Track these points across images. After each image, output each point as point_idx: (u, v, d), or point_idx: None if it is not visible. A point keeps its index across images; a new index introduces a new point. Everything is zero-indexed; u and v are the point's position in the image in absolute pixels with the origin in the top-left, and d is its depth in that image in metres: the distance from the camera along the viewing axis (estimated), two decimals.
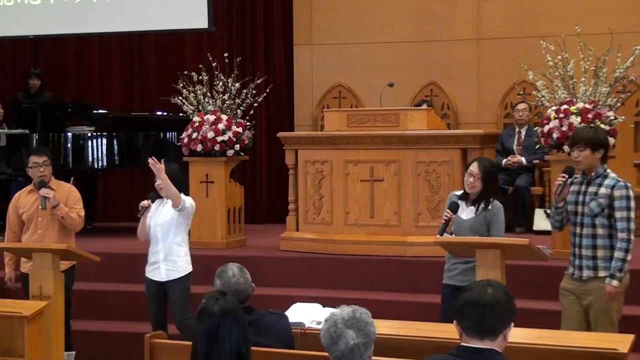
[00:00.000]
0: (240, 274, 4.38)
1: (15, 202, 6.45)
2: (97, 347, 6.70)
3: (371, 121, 7.56)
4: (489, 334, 3.09)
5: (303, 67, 10.40)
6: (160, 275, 6.17)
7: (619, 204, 5.10)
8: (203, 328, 3.58)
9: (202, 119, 8.13)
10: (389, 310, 6.36)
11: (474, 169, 5.46)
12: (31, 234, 6.35)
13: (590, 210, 5.14)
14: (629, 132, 8.89)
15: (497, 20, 9.69)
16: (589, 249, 5.16)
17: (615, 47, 7.03)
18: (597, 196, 5.13)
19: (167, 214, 6.17)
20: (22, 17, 10.53)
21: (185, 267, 6.20)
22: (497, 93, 9.68)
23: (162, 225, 6.17)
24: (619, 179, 5.19)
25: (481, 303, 3.08)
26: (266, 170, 10.35)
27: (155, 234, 6.20)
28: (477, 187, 5.46)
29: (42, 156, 6.35)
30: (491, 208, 5.48)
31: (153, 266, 6.23)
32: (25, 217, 6.37)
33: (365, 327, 3.27)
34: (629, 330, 4.37)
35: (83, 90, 10.88)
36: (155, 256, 6.20)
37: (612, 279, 5.09)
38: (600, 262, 5.13)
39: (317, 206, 7.69)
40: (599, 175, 5.19)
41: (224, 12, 10.47)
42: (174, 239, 6.17)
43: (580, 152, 5.16)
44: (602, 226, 5.13)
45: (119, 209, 10.44)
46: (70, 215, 6.28)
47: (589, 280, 5.16)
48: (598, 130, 5.76)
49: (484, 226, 5.46)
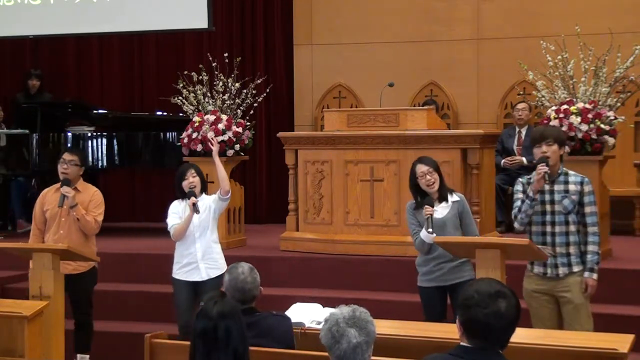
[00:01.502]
0: (249, 274, 4.38)
1: (41, 199, 6.40)
2: (97, 347, 6.69)
3: (371, 121, 7.56)
4: (501, 348, 3.07)
5: (303, 67, 10.40)
6: (200, 275, 6.08)
7: (588, 199, 5.18)
8: (200, 329, 3.59)
9: (202, 119, 8.13)
10: (389, 310, 6.35)
11: (424, 168, 5.54)
12: (53, 233, 6.28)
13: (564, 208, 5.16)
14: (629, 132, 8.89)
15: (497, 20, 9.69)
16: (562, 247, 5.18)
17: (615, 47, 7.03)
18: (569, 193, 5.17)
19: (202, 213, 6.11)
20: (22, 17, 10.54)
21: (223, 264, 6.12)
22: (497, 93, 9.68)
23: (200, 226, 6.10)
24: (582, 175, 5.27)
25: (498, 326, 3.01)
26: (266, 170, 10.36)
27: (191, 235, 6.11)
28: (437, 181, 5.54)
29: (73, 155, 6.33)
30: (459, 199, 5.64)
31: (189, 267, 6.11)
32: (48, 215, 6.31)
33: (367, 326, 3.27)
34: (629, 330, 4.36)
35: (83, 90, 10.89)
36: (192, 257, 6.10)
37: (592, 273, 5.15)
38: (574, 258, 5.18)
39: (317, 206, 7.69)
40: (560, 173, 5.24)
41: (224, 12, 10.48)
42: (211, 237, 6.15)
43: (549, 146, 5.18)
44: (574, 222, 5.18)
45: (119, 209, 10.43)
46: (86, 218, 6.21)
47: (565, 277, 5.18)
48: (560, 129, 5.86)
49: (457, 218, 5.58)
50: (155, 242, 8.39)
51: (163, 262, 7.24)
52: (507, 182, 8.76)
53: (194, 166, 6.28)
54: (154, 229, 9.09)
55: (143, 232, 9.54)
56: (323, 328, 3.29)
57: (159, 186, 10.61)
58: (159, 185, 10.62)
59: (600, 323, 5.35)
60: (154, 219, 9.87)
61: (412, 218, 5.64)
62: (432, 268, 5.59)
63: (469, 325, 3.05)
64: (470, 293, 3.07)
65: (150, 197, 10.72)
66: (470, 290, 3.09)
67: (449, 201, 5.59)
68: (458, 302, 3.15)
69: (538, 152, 5.22)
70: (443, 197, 5.59)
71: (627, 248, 7.71)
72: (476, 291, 3.06)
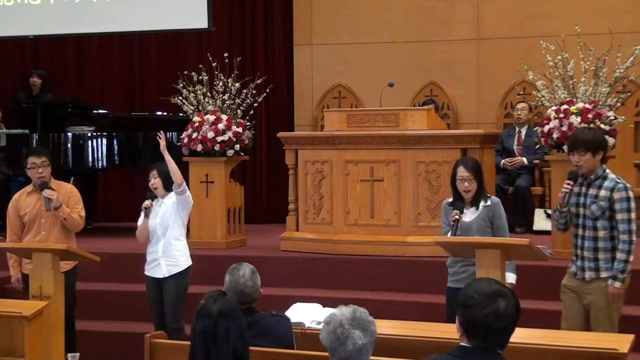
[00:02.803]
0: (250, 277, 4.38)
1: (15, 204, 6.40)
2: (97, 347, 6.70)
3: (371, 121, 7.56)
4: (501, 347, 3.06)
5: (303, 67, 10.40)
6: (161, 271, 6.18)
7: (619, 206, 5.08)
8: (200, 328, 3.58)
9: (202, 119, 8.12)
10: (389, 310, 6.36)
11: (464, 173, 5.43)
12: (34, 235, 6.31)
13: (591, 213, 5.13)
14: (629, 132, 8.89)
15: (497, 20, 9.69)
16: (590, 251, 5.15)
17: (615, 47, 7.03)
18: (598, 199, 5.12)
19: (164, 212, 6.19)
20: (22, 17, 10.54)
21: (185, 261, 6.21)
22: (497, 93, 9.68)
23: (161, 224, 6.18)
24: (619, 180, 5.17)
25: (497, 326, 3.01)
26: (266, 170, 10.35)
27: (154, 233, 6.22)
28: (474, 189, 5.45)
29: (40, 157, 6.28)
30: (491, 203, 5.51)
31: (152, 264, 6.24)
32: (27, 219, 6.32)
33: (369, 327, 3.24)
34: (629, 330, 4.37)
35: (83, 90, 10.88)
36: (155, 254, 6.22)
37: (615, 281, 5.09)
38: (602, 263, 5.13)
39: (317, 206, 7.69)
40: (599, 177, 5.17)
41: (224, 12, 10.47)
42: (172, 233, 6.19)
43: (581, 156, 5.12)
44: (604, 228, 5.12)
45: (119, 209, 10.45)
46: (72, 216, 6.27)
47: (591, 281, 5.17)
48: (597, 131, 5.72)
49: (487, 223, 5.47)
50: None
51: None
52: (507, 182, 8.77)
53: (157, 167, 6.28)
54: None
55: None
56: (324, 330, 3.25)
57: None
58: None
59: None
60: None
61: (445, 217, 5.58)
62: (457, 269, 5.54)
63: (468, 325, 3.05)
64: (469, 293, 3.06)
65: None
66: (469, 290, 3.08)
67: (480, 206, 5.49)
68: (458, 302, 3.13)
69: (572, 160, 5.19)
70: (475, 203, 5.49)
71: None
72: (475, 291, 3.05)
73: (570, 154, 5.21)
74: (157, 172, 6.22)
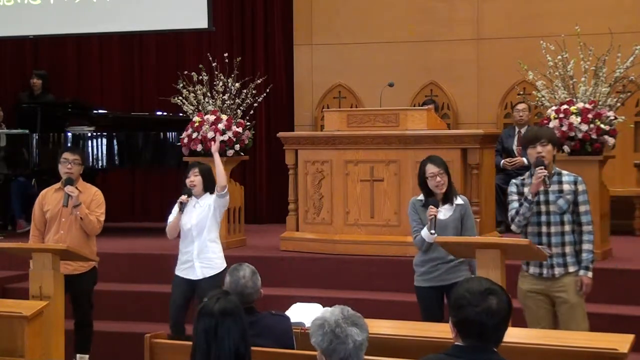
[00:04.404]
0: (250, 278, 4.38)
1: (41, 199, 6.37)
2: (97, 347, 6.69)
3: (371, 121, 7.56)
4: (495, 345, 3.06)
5: (303, 67, 10.40)
6: (195, 273, 6.10)
7: (582, 198, 5.19)
8: (202, 327, 3.58)
9: (202, 119, 8.13)
10: (389, 310, 6.37)
11: (435, 169, 5.51)
12: (53, 234, 6.26)
13: (558, 208, 5.17)
14: (629, 132, 8.89)
15: (497, 20, 9.69)
16: (558, 247, 5.18)
17: (615, 47, 7.03)
18: (563, 193, 5.17)
19: (201, 213, 6.13)
20: (22, 17, 10.54)
21: (221, 263, 6.15)
22: (497, 93, 9.68)
23: (197, 225, 6.12)
24: (575, 174, 5.27)
25: (490, 324, 3.00)
26: (266, 170, 10.36)
27: (189, 234, 6.14)
28: (446, 184, 5.53)
29: (74, 154, 6.31)
30: (463, 202, 5.62)
31: (186, 264, 6.16)
32: (48, 216, 6.28)
33: (361, 322, 3.24)
34: (629, 330, 4.36)
35: (83, 90, 10.88)
36: (189, 255, 6.14)
37: (587, 271, 5.16)
38: (569, 258, 5.18)
39: (317, 206, 7.69)
40: (555, 173, 5.24)
41: (224, 12, 10.48)
42: (208, 236, 6.14)
43: (544, 147, 5.18)
44: (569, 222, 5.18)
45: (119, 209, 10.43)
46: (89, 218, 6.20)
47: (561, 277, 5.18)
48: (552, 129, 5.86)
49: (459, 221, 5.56)
50: (155, 242, 8.39)
51: (163, 262, 7.26)
52: (507, 182, 8.63)
53: (198, 165, 6.27)
54: (154, 229, 9.08)
55: (143, 232, 9.53)
56: (318, 333, 3.22)
57: (158, 186, 10.63)
58: (159, 185, 10.63)
59: (600, 323, 5.35)
60: (153, 219, 9.89)
61: (414, 214, 5.62)
62: (429, 269, 5.59)
63: (462, 325, 3.05)
64: (461, 293, 3.07)
65: (150, 197, 10.73)
66: (461, 290, 3.09)
67: (453, 204, 5.57)
68: (450, 302, 3.14)
69: (533, 153, 5.22)
70: (448, 200, 5.56)
71: (627, 248, 7.71)
72: (467, 290, 3.06)
73: (531, 147, 5.22)
74: (199, 170, 6.18)
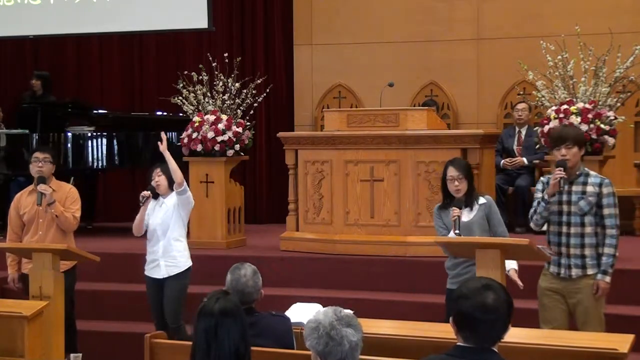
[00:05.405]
0: (251, 277, 4.38)
1: (16, 203, 6.42)
2: (97, 347, 6.70)
3: (371, 121, 7.56)
4: (492, 344, 3.06)
5: (303, 67, 10.40)
6: (160, 272, 6.19)
7: (607, 201, 5.13)
8: (202, 327, 3.58)
9: (202, 119, 8.13)
10: (389, 310, 6.37)
11: (454, 173, 5.44)
12: (32, 235, 6.31)
13: (579, 209, 5.14)
14: (629, 132, 8.89)
15: (497, 20, 9.69)
16: (577, 248, 5.16)
17: (615, 47, 7.03)
18: (586, 194, 5.14)
19: (165, 213, 6.19)
20: (22, 17, 10.54)
21: (185, 262, 6.22)
22: (497, 93, 9.68)
23: (162, 225, 6.18)
24: (603, 176, 5.23)
25: (484, 319, 3.00)
26: (266, 170, 10.36)
27: (154, 233, 6.22)
28: (464, 188, 5.46)
29: (44, 153, 6.33)
30: (486, 201, 5.53)
31: (152, 264, 6.25)
32: (26, 218, 6.33)
33: (355, 322, 3.23)
34: (629, 330, 4.36)
35: (83, 90, 10.88)
36: (155, 254, 6.22)
37: (605, 275, 5.13)
38: (589, 260, 5.15)
39: (317, 206, 7.69)
40: (582, 173, 5.20)
41: (224, 12, 10.47)
42: (172, 234, 6.19)
43: (568, 149, 5.14)
44: (590, 224, 5.15)
45: (119, 209, 10.44)
46: (65, 215, 6.23)
47: (578, 279, 5.17)
48: (579, 128, 5.81)
49: (485, 220, 5.49)
50: None
51: None
52: (507, 182, 8.77)
53: (160, 165, 6.27)
54: None
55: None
56: (312, 336, 3.20)
57: None
58: None
59: None
60: None
61: (437, 220, 5.58)
62: (460, 271, 5.51)
63: (456, 318, 3.07)
64: (461, 290, 3.11)
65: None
66: (461, 287, 3.13)
67: (474, 208, 5.49)
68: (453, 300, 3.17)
69: (558, 155, 5.18)
70: (468, 204, 5.47)
71: (627, 248, 7.67)
72: (466, 287, 3.10)
73: (556, 149, 5.21)
74: (162, 170, 6.21)
